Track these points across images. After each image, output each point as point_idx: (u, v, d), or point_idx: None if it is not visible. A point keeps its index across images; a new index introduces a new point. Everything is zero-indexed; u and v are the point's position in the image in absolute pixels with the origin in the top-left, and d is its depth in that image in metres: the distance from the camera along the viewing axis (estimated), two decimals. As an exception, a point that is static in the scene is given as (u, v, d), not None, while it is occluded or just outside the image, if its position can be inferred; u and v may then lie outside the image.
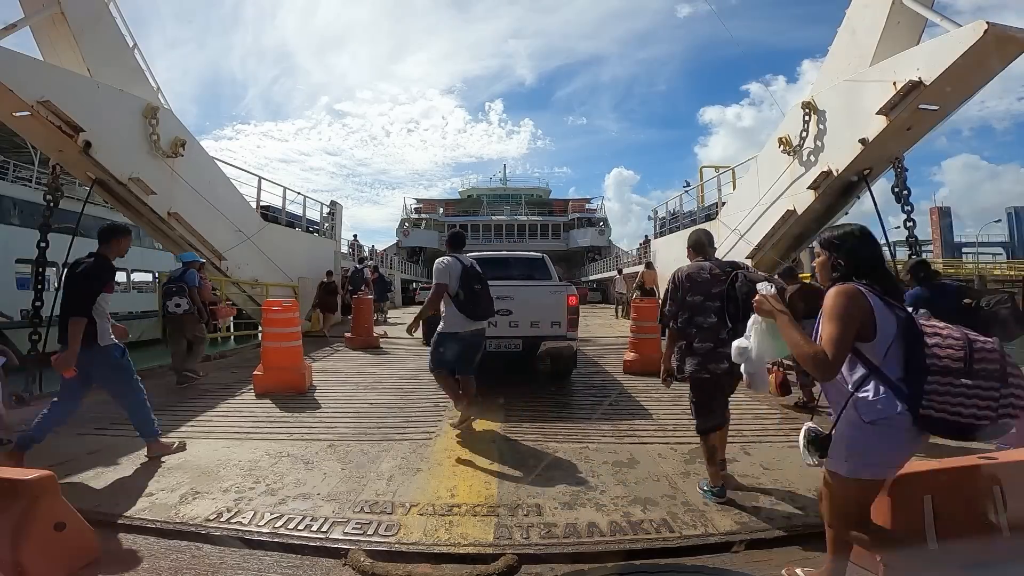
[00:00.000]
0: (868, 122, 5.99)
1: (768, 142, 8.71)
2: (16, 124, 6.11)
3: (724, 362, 2.77)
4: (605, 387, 5.92)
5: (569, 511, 2.81)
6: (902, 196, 6.21)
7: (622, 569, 2.30)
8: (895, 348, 1.70)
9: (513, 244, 35.50)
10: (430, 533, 2.58)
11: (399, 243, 36.34)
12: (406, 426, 4.48)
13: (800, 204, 7.62)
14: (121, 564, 2.29)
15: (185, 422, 4.56)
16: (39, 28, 6.57)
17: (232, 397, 5.54)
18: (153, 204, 7.78)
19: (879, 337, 1.71)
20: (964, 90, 5.40)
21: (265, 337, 5.97)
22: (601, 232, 37.52)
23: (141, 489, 3.08)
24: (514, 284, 5.71)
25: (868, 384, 1.71)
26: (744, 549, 2.44)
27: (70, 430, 4.34)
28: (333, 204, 15.30)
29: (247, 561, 2.36)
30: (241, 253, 9.61)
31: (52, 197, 6.51)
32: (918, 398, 1.62)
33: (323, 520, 2.69)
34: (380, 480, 3.24)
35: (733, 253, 9.11)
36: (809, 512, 2.74)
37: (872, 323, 1.71)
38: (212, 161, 9.91)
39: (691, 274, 3.03)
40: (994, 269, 33.68)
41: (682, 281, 3.03)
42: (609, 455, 3.70)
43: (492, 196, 45.29)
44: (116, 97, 7.20)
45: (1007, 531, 1.99)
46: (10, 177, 16.64)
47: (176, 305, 6.06)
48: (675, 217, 14.71)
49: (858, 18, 6.62)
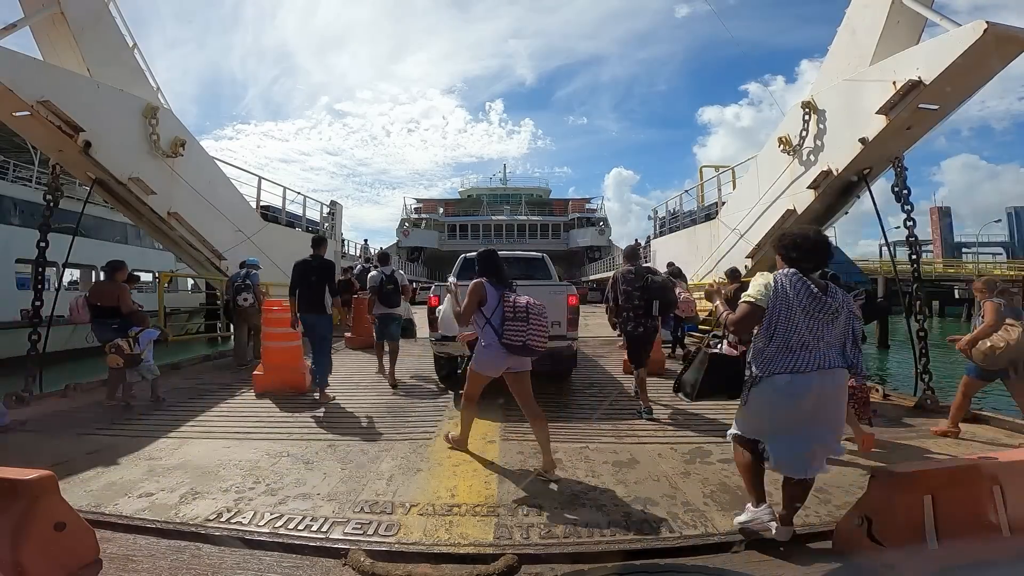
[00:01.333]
0: (868, 122, 5.99)
1: (768, 142, 8.70)
2: (16, 124, 6.11)
3: (641, 328, 4.85)
4: (605, 387, 5.92)
5: (569, 511, 2.81)
6: (902, 196, 6.18)
7: (622, 569, 2.30)
8: (497, 311, 3.35)
9: (513, 244, 35.50)
10: (430, 533, 2.58)
11: (399, 243, 36.35)
12: (406, 426, 4.48)
13: (800, 204, 7.61)
14: (121, 564, 2.29)
15: (185, 422, 4.56)
16: (39, 28, 6.56)
17: (232, 397, 5.55)
18: (153, 204, 7.78)
19: (488, 305, 3.39)
20: (964, 90, 5.40)
21: (265, 337, 5.97)
22: (601, 232, 37.52)
23: (141, 489, 3.08)
24: (514, 284, 5.71)
25: (485, 327, 3.39)
26: (744, 549, 2.44)
27: (70, 430, 4.36)
28: (333, 204, 15.32)
29: (247, 561, 2.36)
30: (241, 253, 9.60)
31: (52, 197, 6.50)
32: (507, 335, 3.28)
33: (323, 520, 2.69)
34: (380, 480, 3.24)
35: (733, 252, 9.12)
36: (809, 512, 2.74)
37: (485, 298, 3.40)
38: (212, 161, 9.90)
39: (624, 274, 4.96)
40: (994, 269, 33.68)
41: (619, 279, 4.98)
42: (609, 455, 3.70)
43: (492, 196, 45.28)
44: (116, 97, 7.20)
45: (1007, 531, 1.99)
46: (10, 177, 16.62)
47: (244, 299, 7.30)
48: (675, 217, 14.71)
49: (858, 18, 6.61)
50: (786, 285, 2.32)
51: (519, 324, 3.25)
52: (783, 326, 2.30)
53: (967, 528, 2.00)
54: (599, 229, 37.81)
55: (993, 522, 2.01)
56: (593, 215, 40.26)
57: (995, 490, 2.04)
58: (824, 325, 2.30)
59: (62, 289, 7.20)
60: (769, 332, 2.34)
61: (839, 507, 2.72)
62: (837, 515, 2.55)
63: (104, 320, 5.30)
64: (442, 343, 5.49)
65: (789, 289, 2.30)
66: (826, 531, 2.46)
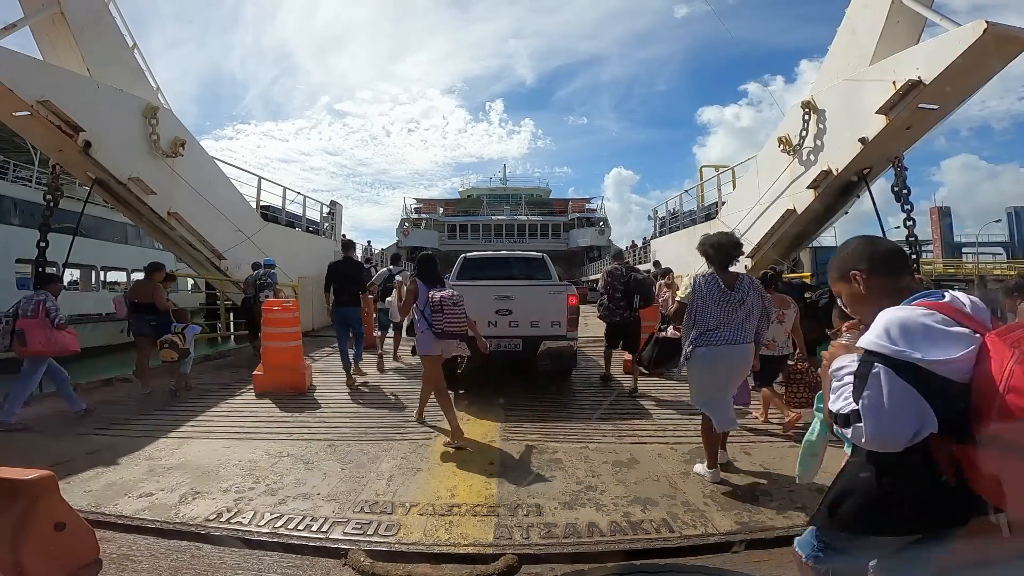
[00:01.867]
0: (868, 121, 5.99)
1: (768, 142, 8.71)
2: (16, 124, 6.11)
3: (618, 317, 5.70)
4: (605, 387, 5.92)
5: (569, 511, 2.81)
6: (902, 195, 6.20)
7: (622, 569, 2.30)
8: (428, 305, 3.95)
9: (513, 244, 35.44)
10: (430, 533, 2.58)
11: (399, 243, 36.32)
12: (406, 426, 4.48)
13: (800, 203, 7.62)
14: (121, 564, 2.29)
15: (185, 422, 4.56)
16: (39, 28, 6.57)
17: (232, 397, 5.55)
18: (153, 204, 7.78)
19: (420, 299, 4.04)
20: (964, 89, 5.40)
21: (265, 337, 5.97)
22: (601, 232, 37.45)
23: (141, 489, 3.08)
24: (514, 284, 5.71)
25: (420, 317, 4.02)
26: (744, 549, 2.44)
27: (70, 430, 4.37)
28: (333, 204, 15.29)
29: (247, 561, 2.36)
30: (241, 253, 9.60)
31: (52, 197, 6.51)
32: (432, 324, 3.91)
33: (323, 520, 2.69)
34: (380, 480, 3.24)
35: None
36: (809, 511, 2.74)
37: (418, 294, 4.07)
38: (212, 161, 9.90)
39: (612, 271, 5.83)
40: (994, 269, 33.63)
41: (609, 274, 5.83)
42: (609, 455, 3.70)
43: (492, 196, 45.20)
44: (116, 97, 7.20)
45: (1007, 531, 1.99)
46: (10, 177, 16.62)
47: (266, 296, 7.60)
48: (675, 217, 14.71)
49: (858, 18, 6.61)
50: (701, 284, 3.17)
51: (438, 315, 3.91)
52: (701, 314, 3.15)
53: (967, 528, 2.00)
54: (599, 229, 37.75)
55: (993, 522, 2.01)
56: (593, 215, 40.18)
57: (995, 490, 2.04)
58: (731, 311, 3.11)
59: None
60: (691, 319, 3.19)
61: (839, 507, 2.71)
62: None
63: (142, 316, 5.74)
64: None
65: (704, 287, 3.15)
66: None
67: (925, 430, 1.10)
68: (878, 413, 1.10)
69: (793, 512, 2.77)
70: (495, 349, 5.33)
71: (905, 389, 1.10)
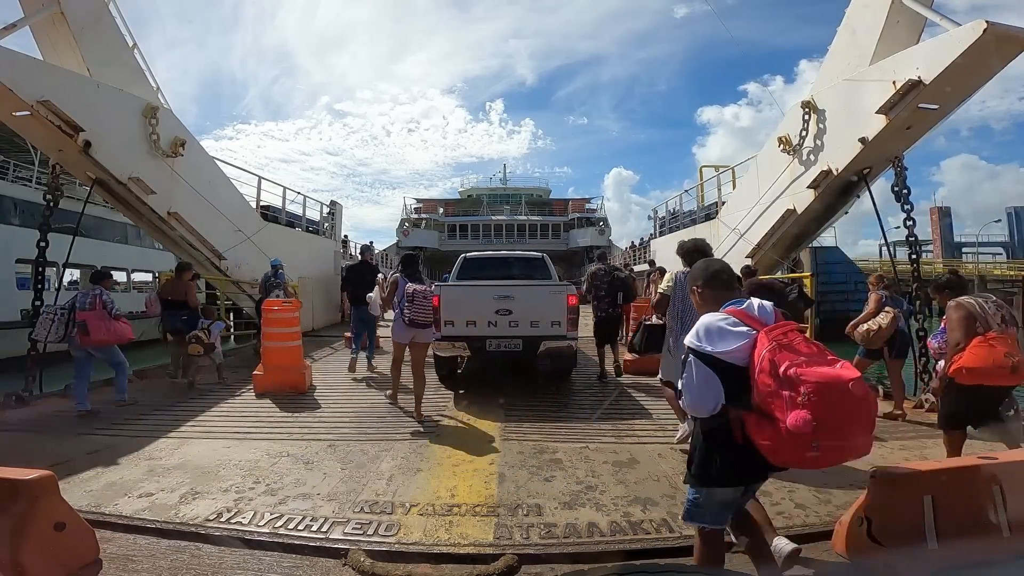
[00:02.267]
0: (868, 121, 5.98)
1: (768, 141, 8.69)
2: (16, 124, 6.10)
3: (603, 313, 6.30)
4: (605, 387, 5.92)
5: (569, 511, 2.82)
6: (902, 195, 6.19)
7: (622, 569, 2.29)
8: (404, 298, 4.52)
9: (513, 244, 35.40)
10: (430, 533, 2.58)
11: (399, 243, 36.30)
12: (406, 426, 4.48)
13: (800, 203, 7.60)
14: (121, 564, 2.29)
15: (185, 422, 4.56)
16: (39, 28, 6.56)
17: (232, 397, 5.55)
18: (153, 204, 7.76)
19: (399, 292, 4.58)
20: (964, 89, 5.39)
21: (265, 337, 5.97)
22: (601, 232, 37.42)
23: (141, 489, 3.09)
24: (514, 284, 5.71)
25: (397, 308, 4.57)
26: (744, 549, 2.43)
27: (70, 430, 4.37)
28: (333, 204, 15.29)
29: (247, 561, 2.37)
30: (241, 253, 9.60)
31: (52, 197, 6.50)
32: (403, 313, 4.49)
33: (323, 520, 2.69)
34: (380, 480, 3.24)
35: (733, 252, 9.10)
36: (809, 512, 2.74)
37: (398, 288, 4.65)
38: (212, 161, 9.88)
39: (595, 272, 6.44)
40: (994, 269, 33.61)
41: (593, 275, 6.42)
42: (609, 455, 3.70)
43: (492, 196, 45.18)
44: (116, 97, 7.19)
45: (1007, 531, 1.99)
46: (10, 177, 16.60)
47: (277, 295, 7.82)
48: (675, 217, 14.70)
49: (858, 17, 6.60)
50: (681, 279, 3.49)
51: (408, 305, 4.47)
52: (679, 306, 3.57)
53: (967, 528, 2.00)
54: (599, 229, 37.72)
55: (993, 522, 2.01)
56: (593, 215, 40.16)
57: (995, 490, 2.04)
58: None
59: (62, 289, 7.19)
60: (673, 310, 3.63)
61: (839, 507, 2.71)
62: (837, 515, 2.54)
63: (173, 312, 6.25)
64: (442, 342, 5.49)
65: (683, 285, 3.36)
66: (826, 531, 2.46)
67: (720, 402, 1.62)
68: (690, 389, 1.67)
69: (793, 512, 2.77)
70: (495, 349, 5.33)
71: (705, 371, 1.63)
